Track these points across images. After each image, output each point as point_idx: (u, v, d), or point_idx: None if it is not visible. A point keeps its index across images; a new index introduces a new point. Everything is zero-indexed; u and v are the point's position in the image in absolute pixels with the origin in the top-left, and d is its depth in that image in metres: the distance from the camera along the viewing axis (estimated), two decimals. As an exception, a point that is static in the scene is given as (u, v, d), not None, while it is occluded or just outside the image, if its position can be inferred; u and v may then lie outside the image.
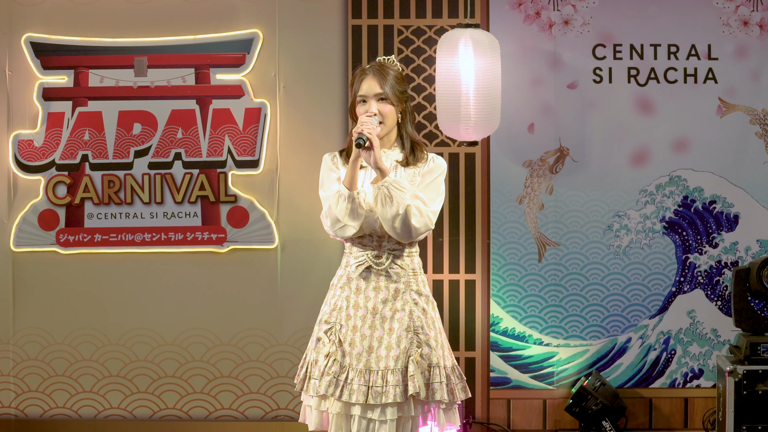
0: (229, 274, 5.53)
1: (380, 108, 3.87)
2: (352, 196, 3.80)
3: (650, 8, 5.44)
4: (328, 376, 3.81)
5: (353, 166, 3.81)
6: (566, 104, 5.47)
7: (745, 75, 5.44)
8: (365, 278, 3.89)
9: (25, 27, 5.46)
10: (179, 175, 5.48)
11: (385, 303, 3.87)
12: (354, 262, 3.91)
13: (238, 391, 5.57)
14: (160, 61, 5.45)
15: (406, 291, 3.89)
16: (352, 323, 3.87)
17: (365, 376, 3.79)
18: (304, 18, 5.45)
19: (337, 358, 3.83)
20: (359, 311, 3.87)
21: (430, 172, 3.93)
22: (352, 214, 3.81)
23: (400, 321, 3.86)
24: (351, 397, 3.79)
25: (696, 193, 5.49)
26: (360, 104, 3.92)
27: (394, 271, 3.89)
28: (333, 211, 3.84)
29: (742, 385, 5.04)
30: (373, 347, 3.84)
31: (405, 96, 3.94)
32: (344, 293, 3.91)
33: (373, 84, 3.88)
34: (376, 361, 3.82)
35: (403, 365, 3.81)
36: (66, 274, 5.54)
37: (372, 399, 3.77)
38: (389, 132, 3.93)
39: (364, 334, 3.85)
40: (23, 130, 5.49)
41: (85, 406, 5.60)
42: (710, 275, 5.50)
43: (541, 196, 5.50)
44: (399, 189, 3.79)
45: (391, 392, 3.78)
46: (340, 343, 3.86)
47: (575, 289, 5.51)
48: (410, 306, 3.88)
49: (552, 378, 5.55)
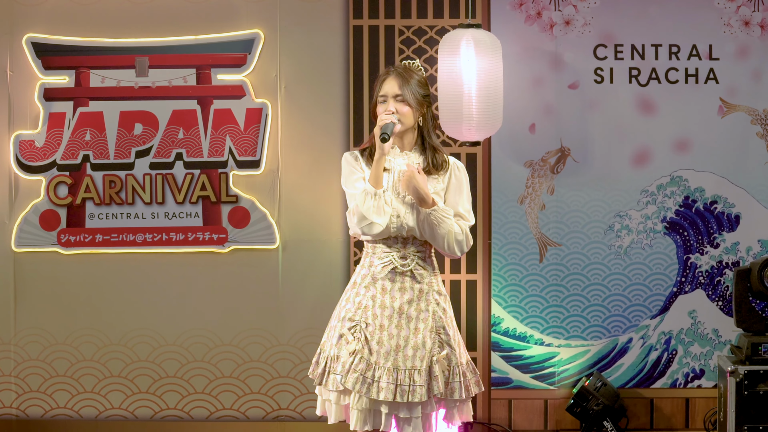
0: (230, 274, 5.53)
1: (398, 107, 3.99)
2: (378, 194, 3.92)
3: (651, 8, 5.44)
4: (355, 373, 3.89)
5: (378, 164, 3.93)
6: (567, 104, 5.47)
7: (746, 75, 5.44)
8: (391, 279, 3.99)
9: (27, 27, 5.46)
10: (180, 175, 5.48)
11: (411, 303, 3.98)
12: (379, 263, 4.00)
13: (239, 391, 5.57)
14: (162, 61, 5.45)
15: (429, 291, 4.01)
16: (379, 322, 3.96)
17: (393, 375, 3.90)
18: (305, 18, 5.45)
19: (364, 356, 3.92)
20: (386, 311, 3.96)
21: (459, 181, 4.08)
22: (379, 211, 3.92)
23: (424, 321, 3.97)
24: (379, 394, 3.88)
25: (697, 194, 5.49)
26: (380, 104, 4.03)
27: (419, 273, 4.00)
28: (360, 209, 3.94)
29: (743, 385, 5.04)
30: (400, 346, 3.94)
31: (426, 100, 4.05)
32: (369, 293, 3.99)
33: (393, 85, 4.01)
34: (404, 360, 3.92)
35: (428, 365, 3.93)
36: (67, 274, 5.53)
37: (400, 397, 3.88)
38: (406, 133, 4.03)
39: (391, 334, 3.95)
40: (24, 131, 5.49)
41: (86, 407, 5.59)
42: (711, 275, 5.50)
43: (542, 196, 5.50)
44: (447, 217, 3.95)
45: (418, 391, 3.89)
46: (367, 341, 3.94)
47: (576, 289, 5.52)
48: (433, 306, 4.00)
49: (553, 378, 5.55)
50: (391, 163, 4.02)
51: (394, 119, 3.94)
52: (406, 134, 4.04)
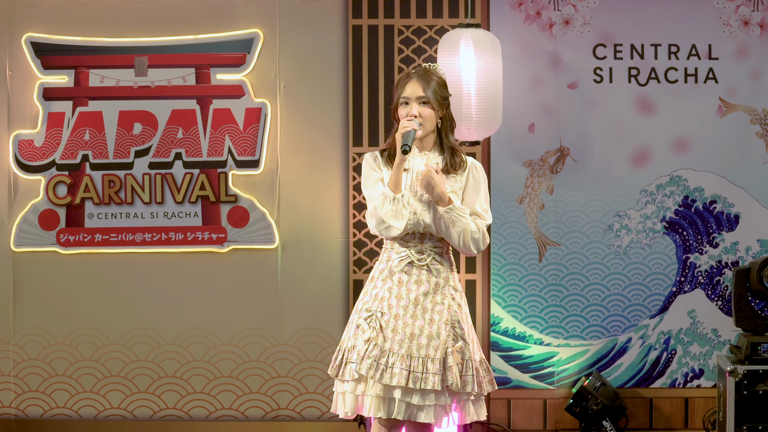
0: (230, 274, 5.52)
1: (421, 111, 4.01)
2: (397, 198, 3.95)
3: (651, 8, 5.44)
4: (369, 359, 3.92)
5: (398, 170, 3.97)
6: (567, 104, 5.47)
7: (745, 75, 5.44)
8: (407, 272, 4.02)
9: (26, 27, 5.45)
10: (180, 175, 5.48)
11: (426, 295, 4.01)
12: (396, 257, 4.04)
13: (238, 391, 5.57)
14: (161, 60, 5.45)
15: (445, 286, 4.04)
16: (394, 312, 3.99)
17: (406, 361, 3.92)
18: (304, 18, 5.45)
19: (378, 343, 3.95)
20: (401, 301, 4.00)
21: (477, 181, 4.09)
22: (397, 215, 3.96)
23: (440, 313, 4.00)
24: (392, 380, 3.90)
25: (696, 193, 5.49)
26: (402, 106, 4.05)
27: (435, 267, 4.04)
28: (379, 213, 3.97)
29: (742, 385, 5.04)
30: (415, 335, 3.96)
31: (446, 102, 4.07)
32: (386, 285, 4.03)
33: (416, 87, 4.02)
34: (417, 348, 3.94)
35: (442, 356, 3.95)
36: (66, 274, 5.53)
37: (412, 383, 3.90)
38: (427, 135, 4.06)
39: (406, 322, 3.98)
40: (24, 130, 5.49)
41: (85, 406, 5.59)
42: (711, 275, 5.50)
43: (541, 196, 5.50)
44: (462, 215, 3.98)
45: (430, 379, 3.91)
46: (381, 329, 3.98)
47: (576, 289, 5.52)
48: (449, 300, 4.03)
49: (552, 378, 5.55)
50: (410, 163, 4.05)
51: (415, 125, 3.96)
52: (427, 135, 4.06)
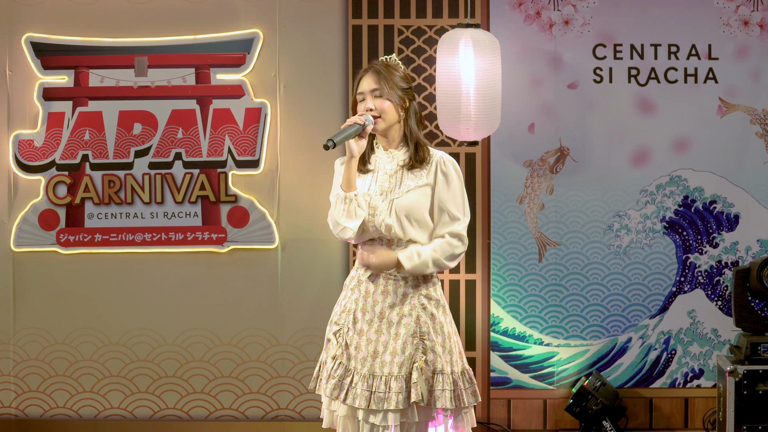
0: (230, 274, 5.53)
1: (378, 104, 3.86)
2: (348, 197, 3.81)
3: (651, 8, 5.44)
4: (333, 379, 3.84)
5: (348, 167, 3.84)
6: (566, 104, 5.47)
7: (745, 75, 5.44)
8: (374, 281, 3.88)
9: (26, 27, 5.46)
10: (179, 175, 5.48)
11: (393, 307, 3.85)
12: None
13: (238, 391, 5.57)
14: (161, 61, 5.45)
15: (414, 295, 3.87)
16: (359, 327, 3.86)
17: (369, 381, 3.80)
18: (304, 18, 5.46)
19: (343, 362, 3.85)
20: (366, 315, 3.87)
21: (447, 177, 3.90)
22: (350, 215, 3.81)
23: (406, 326, 3.84)
24: (354, 401, 3.80)
25: (696, 193, 5.49)
26: (360, 102, 3.92)
27: (402, 276, 3.87)
28: (332, 213, 3.86)
29: (742, 385, 5.04)
30: (378, 352, 3.83)
31: (407, 94, 3.92)
32: (354, 295, 3.91)
33: (370, 81, 3.88)
34: (380, 366, 3.81)
35: (407, 372, 3.80)
36: (66, 274, 5.54)
37: (374, 404, 3.78)
38: (391, 128, 3.92)
39: (369, 339, 3.85)
40: (23, 130, 5.49)
41: (85, 406, 5.60)
42: (710, 275, 5.50)
43: (541, 196, 5.50)
44: (423, 257, 3.80)
45: (393, 398, 3.77)
46: (347, 346, 3.87)
47: (575, 289, 5.51)
48: (417, 311, 3.86)
49: (552, 378, 5.55)
50: (376, 163, 3.92)
51: (361, 120, 3.80)
52: (391, 130, 3.91)
